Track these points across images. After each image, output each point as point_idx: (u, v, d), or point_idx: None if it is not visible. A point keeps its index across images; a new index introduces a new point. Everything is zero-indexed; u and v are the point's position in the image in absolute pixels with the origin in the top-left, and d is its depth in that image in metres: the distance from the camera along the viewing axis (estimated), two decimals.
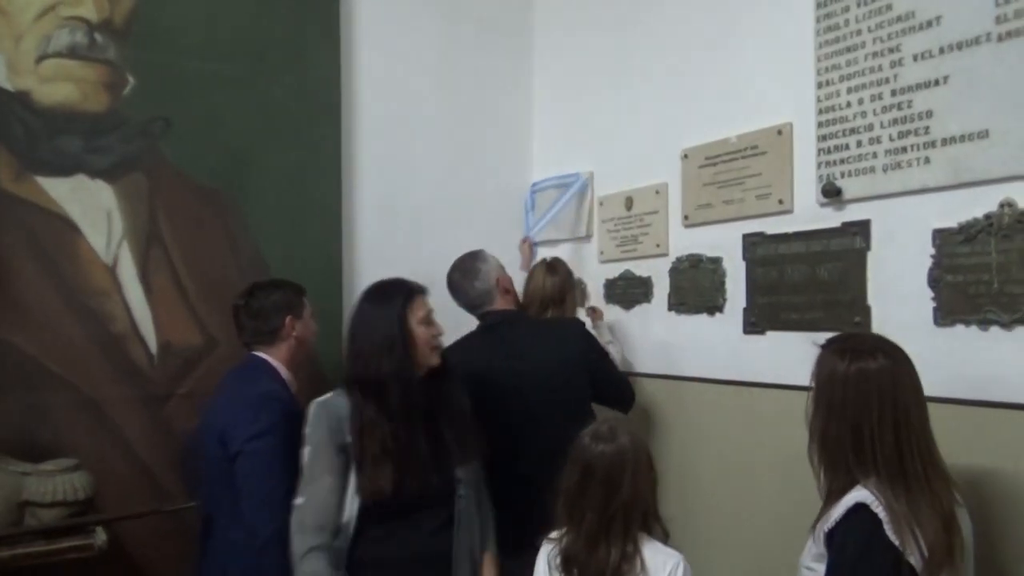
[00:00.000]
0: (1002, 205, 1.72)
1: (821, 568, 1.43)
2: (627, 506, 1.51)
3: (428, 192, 2.99)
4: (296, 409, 1.90)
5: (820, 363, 1.50)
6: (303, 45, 2.63)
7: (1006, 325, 1.69)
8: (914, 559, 1.31)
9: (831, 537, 1.40)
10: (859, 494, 1.37)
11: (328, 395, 1.84)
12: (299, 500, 1.73)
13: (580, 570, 1.52)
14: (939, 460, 1.43)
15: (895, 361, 1.43)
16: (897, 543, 1.31)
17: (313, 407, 1.81)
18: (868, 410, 1.40)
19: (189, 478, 2.25)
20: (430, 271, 2.93)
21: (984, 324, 1.73)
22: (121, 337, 2.29)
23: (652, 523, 1.57)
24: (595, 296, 2.90)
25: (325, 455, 1.75)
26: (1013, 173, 1.70)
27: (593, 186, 2.93)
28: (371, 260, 2.80)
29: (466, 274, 2.30)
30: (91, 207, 2.26)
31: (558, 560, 1.56)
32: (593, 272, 2.90)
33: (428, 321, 1.89)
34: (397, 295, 1.87)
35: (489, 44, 3.15)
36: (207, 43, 2.46)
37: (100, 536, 1.72)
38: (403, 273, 2.83)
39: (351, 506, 1.74)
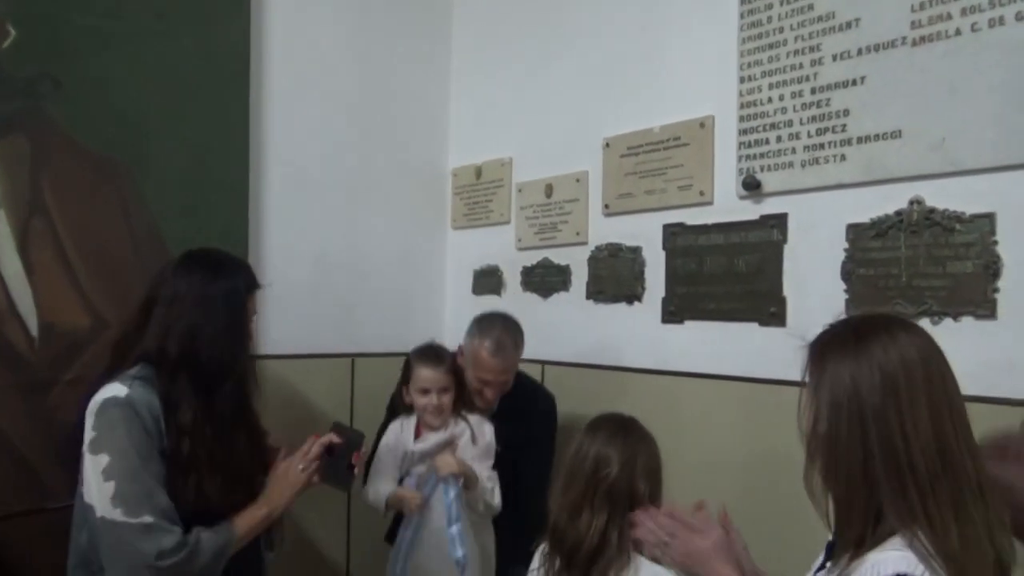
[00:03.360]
0: (911, 203, 1.81)
1: None
2: (614, 485, 1.46)
3: (341, 169, 2.85)
4: None
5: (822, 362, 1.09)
6: (209, 4, 2.45)
7: (912, 317, 1.78)
8: None
9: None
10: (900, 558, 0.95)
11: (121, 387, 1.48)
12: (148, 519, 1.42)
13: (560, 538, 1.48)
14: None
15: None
16: None
17: (115, 409, 1.45)
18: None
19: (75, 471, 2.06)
20: (340, 251, 2.84)
21: None
22: None
23: None
24: (512, 283, 2.87)
25: (152, 464, 1.46)
26: (922, 172, 1.79)
27: (512, 171, 2.89)
28: (278, 239, 2.66)
29: None
30: None
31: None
32: (510, 259, 2.87)
33: (253, 311, 1.69)
34: (239, 274, 1.66)
35: (407, 22, 3.04)
36: None
37: None
38: (313, 254, 2.76)
39: None
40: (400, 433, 2.11)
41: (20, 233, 2.10)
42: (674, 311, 2.31)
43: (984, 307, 1.68)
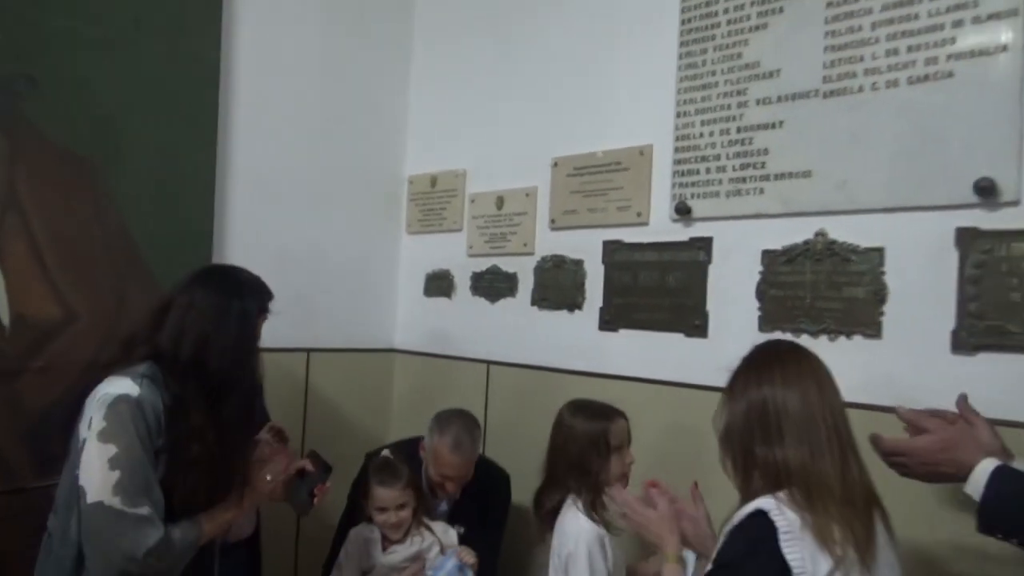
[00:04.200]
0: (817, 234, 2.07)
1: None
2: (568, 460, 1.89)
3: (302, 173, 3.00)
4: None
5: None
6: (182, 10, 2.57)
7: (813, 334, 2.05)
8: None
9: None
10: (760, 501, 1.33)
11: (133, 385, 1.56)
12: (145, 511, 1.51)
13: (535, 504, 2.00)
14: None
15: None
16: (793, 558, 1.24)
17: (126, 405, 1.53)
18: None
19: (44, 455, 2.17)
20: (300, 250, 2.98)
21: (797, 332, 2.08)
22: None
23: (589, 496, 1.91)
24: (462, 287, 3.06)
25: (148, 462, 1.55)
26: (827, 208, 2.05)
27: (466, 182, 3.08)
28: (241, 237, 2.79)
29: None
30: None
31: None
32: (461, 264, 3.06)
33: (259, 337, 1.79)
34: (255, 295, 1.76)
35: (370, 36, 3.20)
36: (75, 1, 2.34)
37: None
38: (273, 252, 2.89)
39: None
40: (366, 544, 2.23)
41: None
42: (609, 320, 2.54)
43: (872, 328, 1.95)
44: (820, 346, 2.02)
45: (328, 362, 3.04)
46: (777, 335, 2.10)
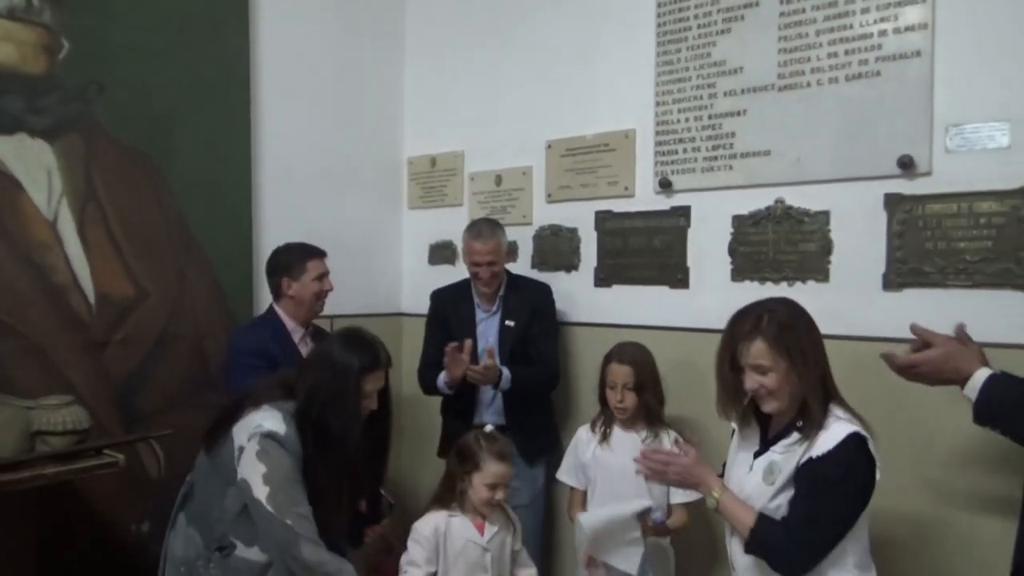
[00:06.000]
0: (776, 201, 2.57)
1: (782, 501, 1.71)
2: None
3: (317, 158, 3.35)
4: (274, 353, 2.34)
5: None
6: (218, 20, 2.86)
7: (776, 281, 2.57)
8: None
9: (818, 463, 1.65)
10: (843, 425, 1.68)
11: (278, 427, 1.84)
12: (303, 509, 1.80)
13: None
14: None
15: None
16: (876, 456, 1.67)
17: (273, 444, 1.82)
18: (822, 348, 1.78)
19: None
20: (321, 227, 3.34)
21: (763, 280, 2.59)
22: (63, 288, 2.45)
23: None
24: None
25: (297, 483, 1.84)
26: (783, 180, 2.55)
27: (464, 162, 3.48)
28: (274, 221, 3.13)
29: None
30: (33, 165, 2.38)
31: None
32: (462, 235, 3.46)
33: (370, 393, 2.00)
34: (360, 352, 1.97)
35: (370, 31, 3.55)
36: (132, 13, 2.61)
37: (119, 456, 2.01)
38: (300, 230, 3.23)
39: None
40: (457, 529, 2.12)
41: (79, 218, 2.49)
42: (604, 278, 3.01)
43: (821, 274, 2.48)
44: (782, 290, 2.55)
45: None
46: (747, 283, 2.62)
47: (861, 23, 2.40)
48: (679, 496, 2.30)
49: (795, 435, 1.73)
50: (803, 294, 2.48)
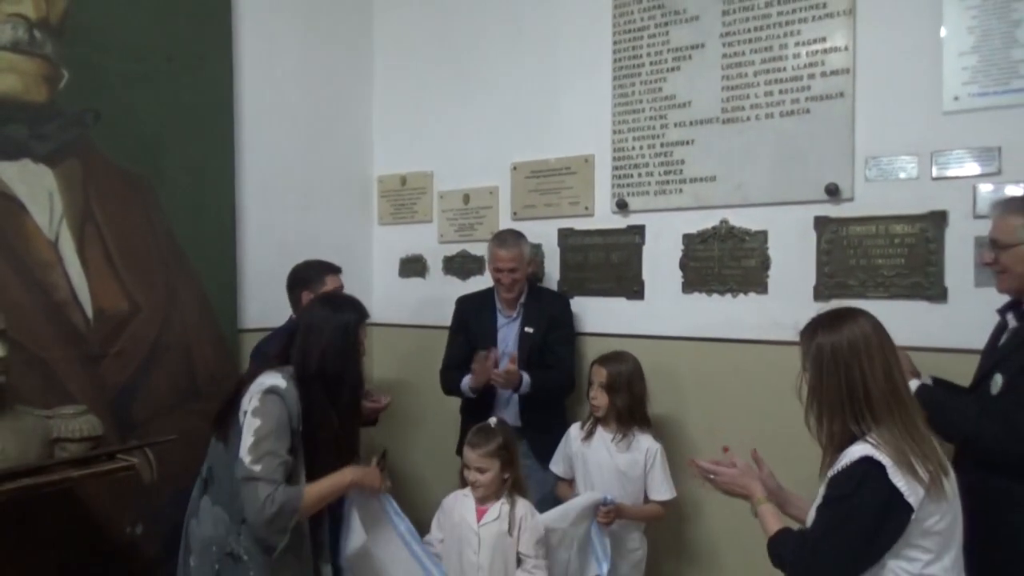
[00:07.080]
0: (721, 221, 2.89)
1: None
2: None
3: (293, 177, 3.53)
4: None
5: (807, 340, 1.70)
6: (204, 51, 3.03)
7: (721, 293, 2.88)
8: (914, 498, 1.51)
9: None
10: (860, 448, 1.57)
11: (283, 381, 2.02)
12: (258, 468, 1.90)
13: None
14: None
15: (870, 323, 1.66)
16: (900, 485, 1.51)
17: (272, 396, 1.98)
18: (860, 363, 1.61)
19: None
20: (295, 244, 3.52)
21: (710, 292, 2.90)
22: (63, 304, 2.59)
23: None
24: (435, 269, 3.70)
25: (284, 436, 1.98)
26: (727, 203, 2.87)
27: (433, 182, 3.71)
28: (254, 235, 3.30)
29: None
30: (36, 188, 2.51)
31: None
32: (433, 249, 3.70)
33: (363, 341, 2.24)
34: (351, 310, 2.20)
35: (337, 58, 3.75)
36: (124, 44, 2.76)
37: (135, 460, 2.17)
38: (276, 244, 3.42)
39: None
40: (460, 506, 2.36)
41: (78, 238, 2.63)
42: (567, 289, 3.28)
43: (761, 287, 2.80)
44: (726, 302, 2.87)
45: None
46: (696, 295, 2.93)
47: (793, 67, 2.73)
48: (657, 494, 2.56)
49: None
50: (746, 304, 2.81)
